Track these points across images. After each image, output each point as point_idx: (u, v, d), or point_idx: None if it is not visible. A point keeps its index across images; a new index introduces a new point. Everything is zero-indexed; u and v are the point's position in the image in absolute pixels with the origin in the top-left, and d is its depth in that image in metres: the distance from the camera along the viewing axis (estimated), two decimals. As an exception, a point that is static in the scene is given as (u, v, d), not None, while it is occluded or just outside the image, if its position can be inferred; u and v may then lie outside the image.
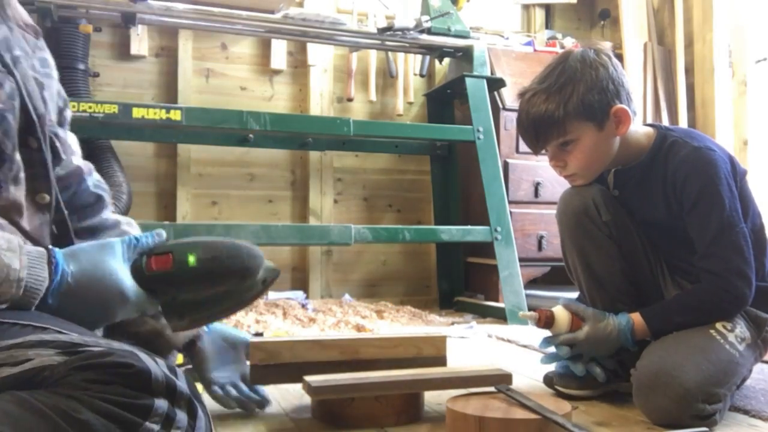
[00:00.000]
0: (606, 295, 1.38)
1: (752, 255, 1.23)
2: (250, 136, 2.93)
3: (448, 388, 1.21)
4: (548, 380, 1.40)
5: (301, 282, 3.25)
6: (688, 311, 1.25)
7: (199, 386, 1.16)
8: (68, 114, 1.08)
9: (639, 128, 1.35)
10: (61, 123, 1.05)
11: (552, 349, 1.36)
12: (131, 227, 1.11)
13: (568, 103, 1.25)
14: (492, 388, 1.18)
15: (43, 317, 0.77)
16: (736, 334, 1.23)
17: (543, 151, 1.34)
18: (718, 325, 1.23)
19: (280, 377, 1.23)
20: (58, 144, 0.99)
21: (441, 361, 1.33)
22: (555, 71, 1.28)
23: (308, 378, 1.15)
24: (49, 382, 0.65)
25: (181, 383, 0.69)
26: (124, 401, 0.64)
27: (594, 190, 1.38)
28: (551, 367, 1.41)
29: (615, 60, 1.31)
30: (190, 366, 1.21)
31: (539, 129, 1.28)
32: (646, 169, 1.33)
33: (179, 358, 1.24)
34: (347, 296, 3.12)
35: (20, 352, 0.68)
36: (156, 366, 0.67)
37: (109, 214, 1.10)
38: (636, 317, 1.28)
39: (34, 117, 0.90)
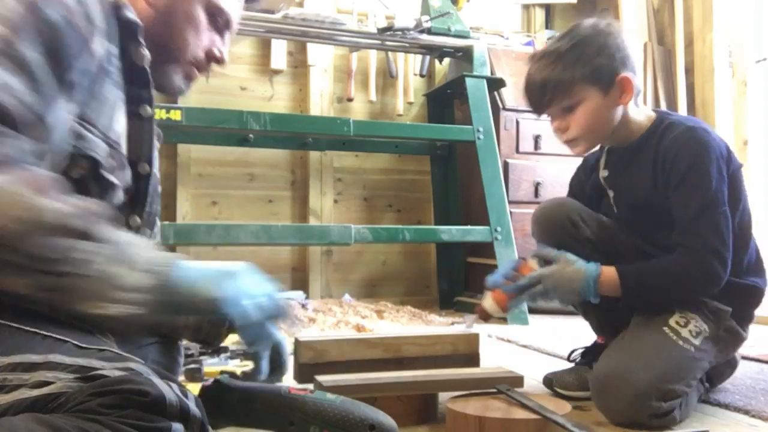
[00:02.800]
0: None
1: (731, 240, 1.21)
2: (250, 136, 2.93)
3: (461, 389, 1.21)
4: (548, 382, 1.40)
5: (301, 282, 3.25)
6: (664, 275, 1.23)
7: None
8: None
9: (643, 110, 1.36)
10: None
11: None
12: None
13: (576, 66, 1.26)
14: (492, 389, 1.18)
15: (65, 328, 0.77)
16: (689, 329, 1.22)
17: (545, 116, 1.34)
18: (672, 322, 1.23)
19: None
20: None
21: (474, 357, 1.38)
22: (566, 36, 1.30)
23: (320, 378, 1.16)
24: (66, 408, 0.66)
25: (193, 406, 0.70)
26: (144, 424, 0.65)
27: (575, 204, 1.39)
28: (550, 366, 1.41)
29: (625, 34, 1.32)
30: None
31: (545, 90, 1.29)
32: (639, 147, 1.34)
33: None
34: (347, 296, 3.11)
35: (40, 374, 0.69)
36: (170, 390, 0.69)
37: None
38: (609, 270, 1.24)
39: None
